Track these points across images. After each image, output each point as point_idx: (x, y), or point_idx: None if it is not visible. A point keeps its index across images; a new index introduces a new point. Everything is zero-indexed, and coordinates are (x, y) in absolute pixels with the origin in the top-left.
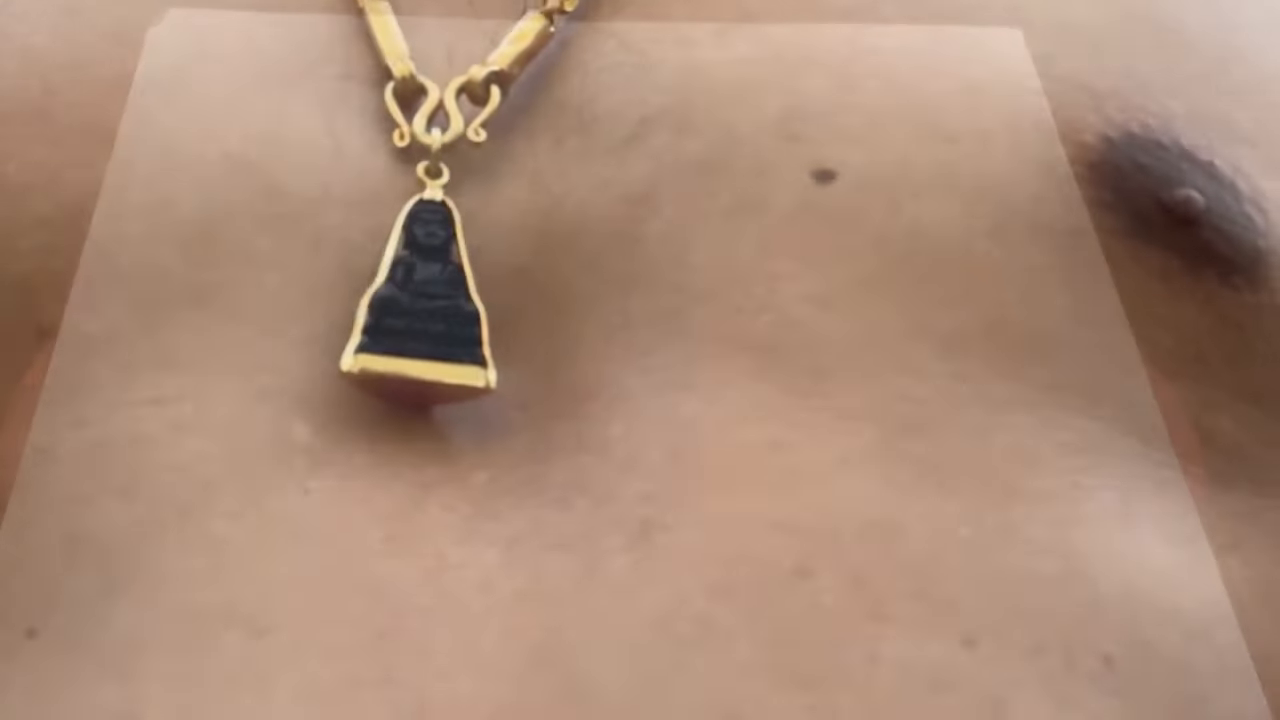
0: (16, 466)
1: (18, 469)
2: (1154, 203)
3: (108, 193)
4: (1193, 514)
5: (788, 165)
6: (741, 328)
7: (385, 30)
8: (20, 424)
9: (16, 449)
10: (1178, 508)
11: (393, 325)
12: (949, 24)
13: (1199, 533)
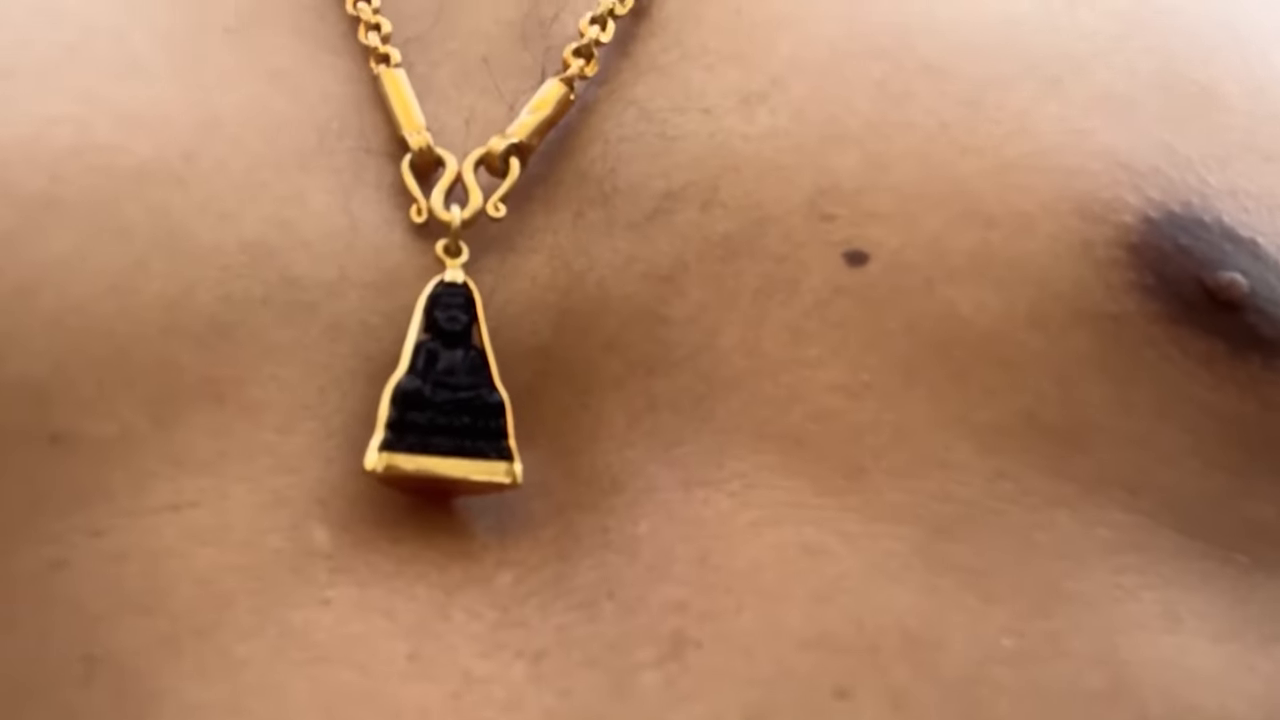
0: (31, 580)
1: (33, 583)
2: (1197, 286)
3: (121, 288)
4: (1238, 607)
5: (818, 246)
6: (772, 419)
7: (401, 97)
8: (34, 535)
9: (31, 561)
10: (1222, 601)
11: (416, 420)
12: (984, 97)
13: (1245, 626)
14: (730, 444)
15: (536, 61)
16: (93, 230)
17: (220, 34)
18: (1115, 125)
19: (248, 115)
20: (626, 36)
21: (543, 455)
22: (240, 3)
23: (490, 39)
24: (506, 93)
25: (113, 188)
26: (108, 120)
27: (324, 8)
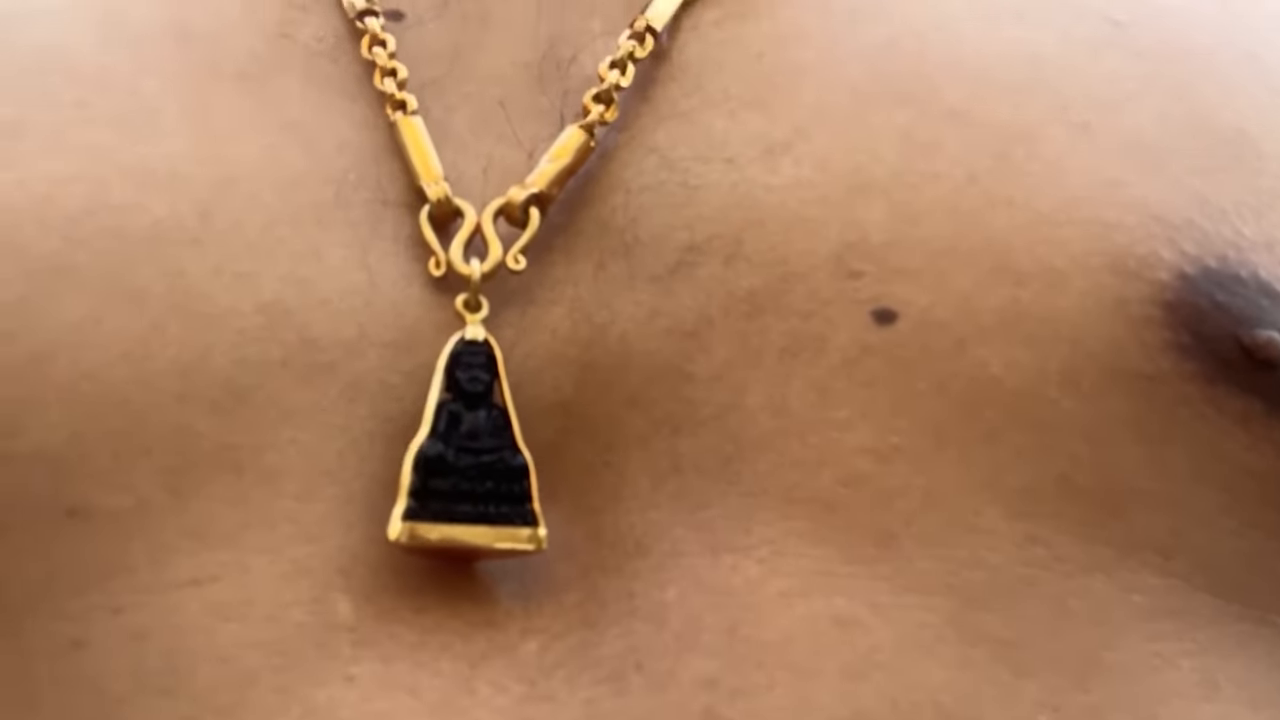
0: (51, 659)
1: (53, 662)
2: (1234, 344)
3: (137, 355)
4: (1275, 671)
5: (846, 304)
6: (800, 482)
7: (418, 146)
8: (53, 612)
9: (50, 640)
10: (1260, 666)
11: (439, 486)
12: (1012, 145)
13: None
14: (758, 508)
15: (554, 105)
16: (107, 295)
17: (233, 81)
18: (1147, 175)
19: (263, 169)
20: (646, 80)
21: (565, 514)
22: (253, 47)
23: (507, 81)
24: (524, 138)
25: (127, 250)
26: (121, 178)
27: (337, 52)
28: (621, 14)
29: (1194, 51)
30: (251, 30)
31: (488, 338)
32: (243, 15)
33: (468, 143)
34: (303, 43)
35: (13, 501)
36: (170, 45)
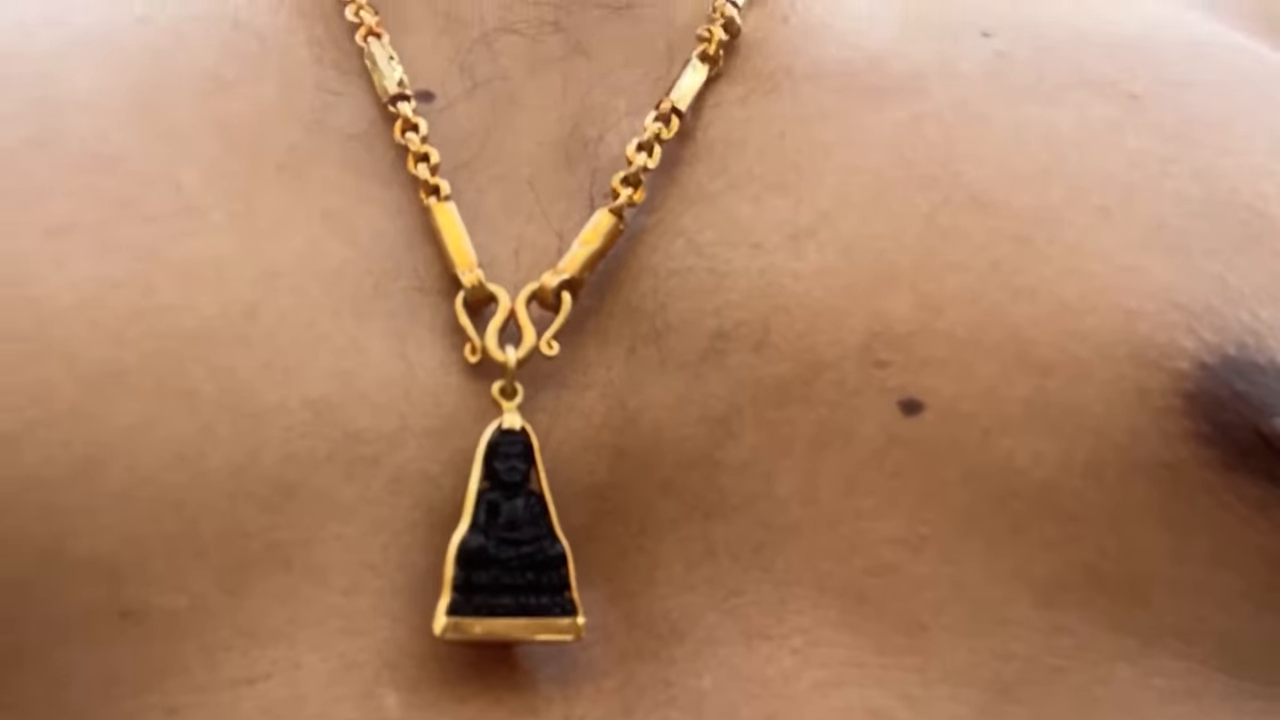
0: None
1: None
2: (1253, 433)
3: (190, 456)
4: None
5: (873, 394)
6: (831, 571)
7: (452, 233)
8: (109, 714)
9: None
10: None
11: (481, 579)
12: (1034, 231)
13: None
14: (791, 596)
15: (582, 184)
16: (159, 398)
17: (274, 173)
18: (1168, 260)
19: (305, 262)
20: (672, 161)
21: (600, 597)
22: (291, 138)
23: (535, 161)
24: (554, 218)
25: (177, 351)
26: (168, 278)
27: (371, 137)
28: (646, 91)
29: (1212, 126)
30: (288, 119)
31: (524, 426)
32: (279, 103)
33: (499, 224)
34: (338, 130)
35: (69, 605)
36: (210, 138)
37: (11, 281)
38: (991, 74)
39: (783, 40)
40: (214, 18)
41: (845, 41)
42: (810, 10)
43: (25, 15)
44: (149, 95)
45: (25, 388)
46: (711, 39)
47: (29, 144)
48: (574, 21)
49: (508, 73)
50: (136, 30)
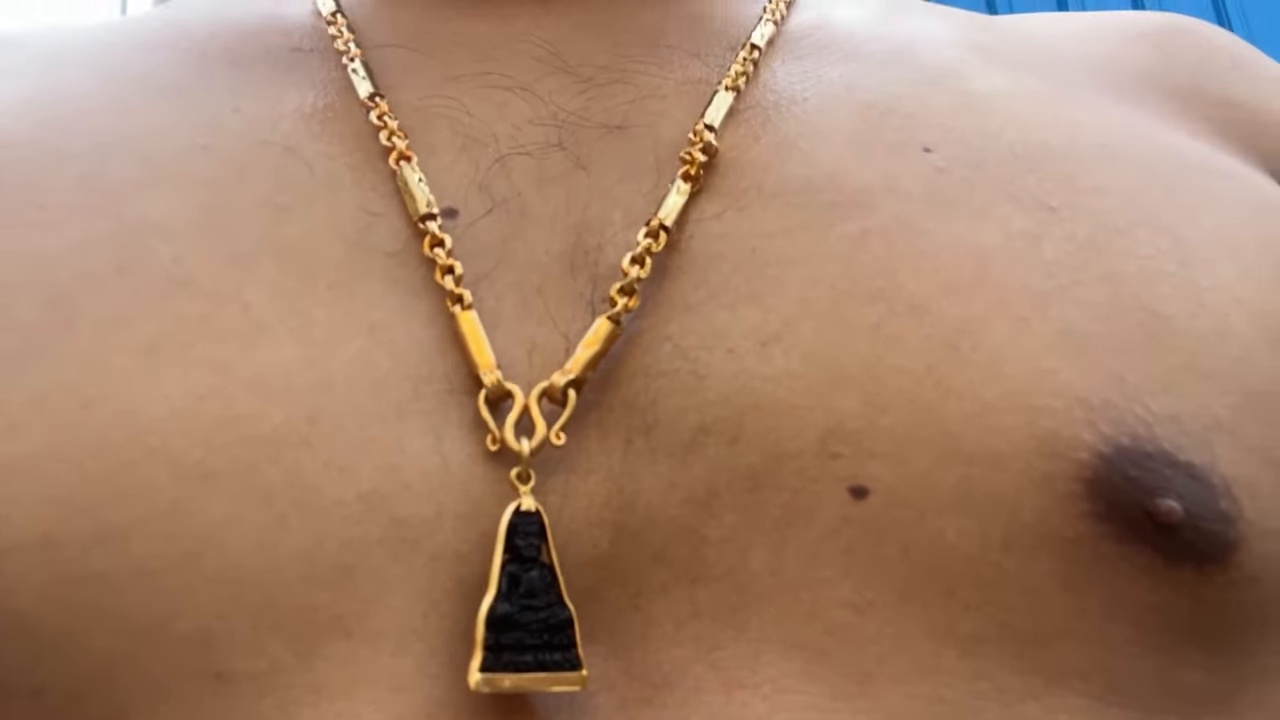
0: None
1: None
2: (1141, 512)
3: (268, 544)
4: None
5: (828, 481)
6: (796, 631)
7: (475, 339)
8: None
9: None
10: None
11: (507, 640)
12: (961, 338)
13: None
14: (763, 651)
15: (583, 291)
16: (242, 495)
17: (325, 289)
18: (1074, 362)
19: (355, 371)
20: (661, 272)
21: (603, 650)
22: (338, 256)
23: (543, 269)
24: (560, 321)
25: (254, 455)
26: (243, 390)
27: (406, 253)
28: (640, 204)
29: (1119, 231)
30: (335, 239)
31: (538, 508)
32: (327, 225)
33: (514, 327)
34: (377, 247)
35: (172, 670)
36: (270, 260)
37: (113, 397)
38: (930, 190)
39: (754, 158)
40: (267, 145)
41: (807, 159)
42: (778, 129)
43: (100, 139)
44: (215, 220)
45: (131, 489)
46: (693, 162)
47: (117, 271)
48: (574, 140)
49: (519, 189)
50: (200, 157)
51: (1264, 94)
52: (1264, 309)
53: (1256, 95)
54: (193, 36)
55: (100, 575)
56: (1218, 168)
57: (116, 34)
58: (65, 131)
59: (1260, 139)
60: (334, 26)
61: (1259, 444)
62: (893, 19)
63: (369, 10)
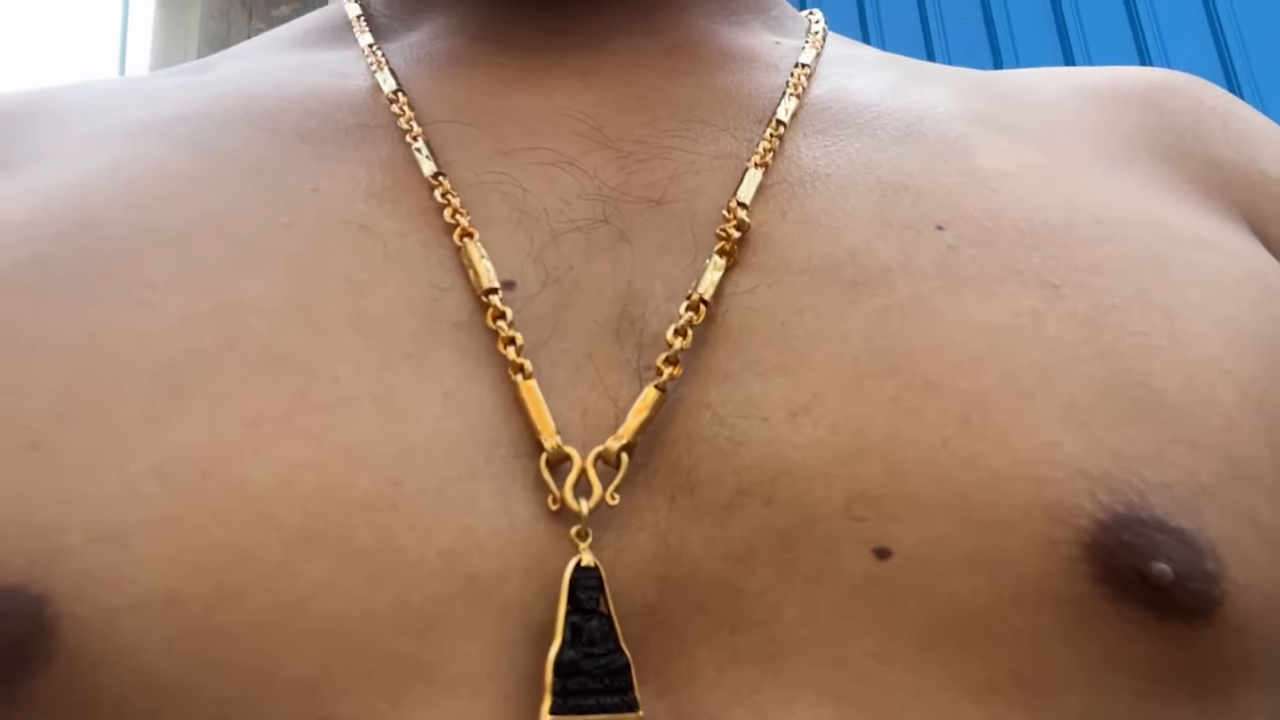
0: None
1: None
2: (1135, 574)
3: (363, 600)
4: None
5: (854, 543)
6: (826, 678)
7: (536, 406)
8: None
9: None
10: None
11: (573, 685)
12: (973, 413)
13: None
14: (797, 697)
15: (629, 358)
16: (340, 556)
17: (402, 360)
18: (1076, 435)
19: (432, 439)
20: (701, 342)
21: (652, 692)
22: (413, 330)
23: (593, 337)
24: (609, 386)
25: (348, 518)
26: (336, 459)
27: (472, 324)
28: (679, 277)
29: (1115, 308)
30: (409, 313)
31: (596, 564)
32: (401, 299)
33: (568, 392)
34: (446, 319)
35: (282, 715)
36: (353, 334)
37: (226, 467)
38: (942, 268)
39: (783, 234)
40: (345, 223)
41: (830, 236)
42: (803, 205)
43: (194, 219)
44: (303, 297)
45: (245, 552)
46: (728, 238)
47: (221, 347)
48: (618, 214)
49: (570, 262)
50: (285, 237)
51: (1248, 153)
52: (1246, 379)
53: (1241, 155)
54: (265, 111)
55: (218, 630)
56: (1204, 239)
57: (188, 103)
58: (162, 211)
59: (1243, 197)
60: (396, 105)
61: (1241, 507)
62: (904, 91)
63: (425, 86)
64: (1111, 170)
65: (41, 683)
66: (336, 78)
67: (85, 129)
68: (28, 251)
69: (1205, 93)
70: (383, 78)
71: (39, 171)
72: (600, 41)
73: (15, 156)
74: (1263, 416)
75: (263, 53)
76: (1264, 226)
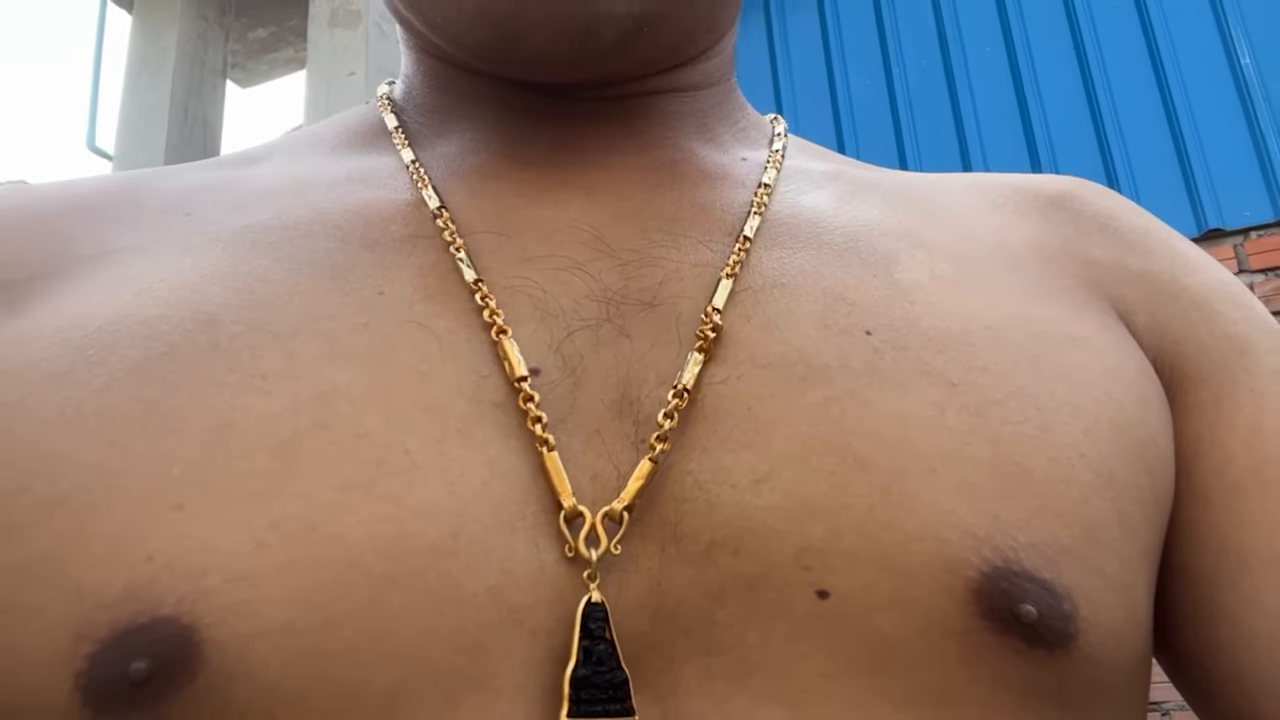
0: None
1: None
2: (1010, 614)
3: (431, 629)
4: None
5: (802, 586)
6: (781, 690)
7: (557, 473)
8: None
9: None
10: None
11: (584, 696)
12: (891, 485)
13: None
14: (759, 705)
15: (629, 432)
16: (413, 593)
17: (455, 435)
18: (966, 505)
19: (481, 499)
20: (684, 421)
21: (646, 700)
22: (463, 409)
23: (599, 416)
24: (612, 456)
25: (419, 564)
26: (410, 515)
27: (507, 405)
28: (667, 368)
29: (998, 402)
30: (460, 395)
31: (603, 600)
32: (454, 385)
33: (581, 461)
34: (488, 400)
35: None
36: (420, 414)
37: (328, 523)
38: (870, 368)
39: (748, 336)
40: (406, 322)
41: (784, 338)
42: (764, 311)
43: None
44: (379, 387)
45: (343, 591)
46: (705, 338)
47: (319, 427)
48: (619, 314)
49: (582, 353)
50: (363, 334)
51: (1118, 252)
52: (1098, 460)
53: (1111, 253)
54: (335, 222)
55: (323, 652)
56: (1074, 337)
57: (265, 211)
58: (267, 312)
59: (1113, 289)
60: (440, 219)
61: (1092, 562)
62: (845, 207)
63: (461, 200)
64: (1007, 274)
65: (189, 693)
66: (388, 191)
67: (185, 229)
68: (161, 346)
69: (1089, 200)
70: (428, 195)
71: (149, 268)
72: (600, 159)
73: (118, 245)
74: (1111, 490)
75: (311, 153)
76: (1128, 314)
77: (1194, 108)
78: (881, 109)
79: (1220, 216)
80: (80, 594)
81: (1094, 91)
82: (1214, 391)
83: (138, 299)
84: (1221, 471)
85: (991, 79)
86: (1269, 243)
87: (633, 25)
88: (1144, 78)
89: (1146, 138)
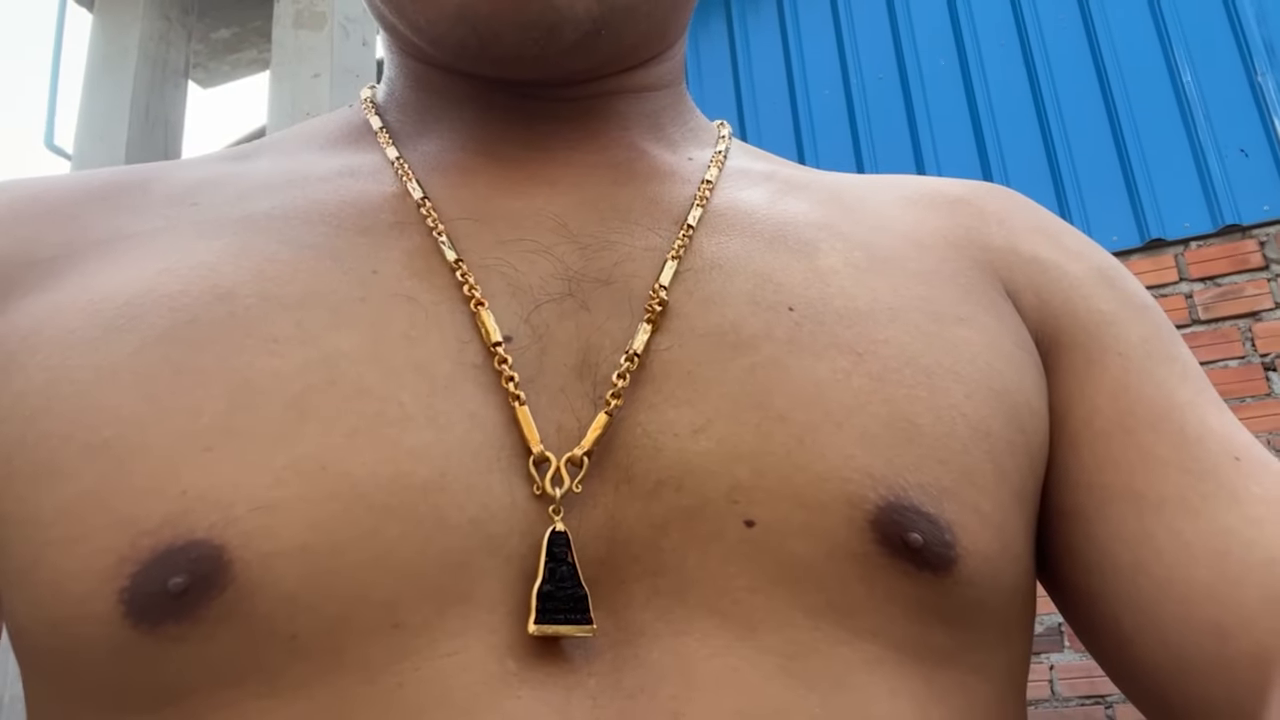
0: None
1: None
2: (900, 540)
3: (424, 549)
4: (925, 688)
5: (732, 517)
6: (714, 603)
7: (527, 424)
8: (387, 673)
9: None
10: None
11: (550, 606)
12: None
13: (930, 702)
14: (696, 615)
15: (588, 391)
16: (408, 523)
17: (442, 391)
18: (865, 452)
19: (464, 445)
20: (635, 383)
21: (602, 614)
22: (448, 368)
23: (563, 376)
24: (574, 410)
25: (413, 498)
26: (405, 457)
27: (485, 366)
28: (620, 337)
29: (894, 370)
30: (445, 358)
31: (565, 530)
32: (439, 348)
33: (548, 414)
34: (469, 362)
35: (372, 622)
36: (410, 371)
37: (337, 463)
38: (791, 338)
39: (690, 310)
40: (399, 296)
41: (720, 312)
42: (704, 289)
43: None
44: (377, 349)
45: (350, 519)
46: (653, 311)
47: (327, 383)
48: (580, 290)
49: (549, 323)
50: (361, 307)
51: (1010, 240)
52: (976, 420)
53: (1004, 241)
54: (331, 211)
55: (332, 570)
56: (962, 317)
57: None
58: (278, 288)
59: (1004, 272)
60: (423, 208)
61: (969, 501)
62: (776, 203)
63: (442, 192)
64: (912, 260)
65: (220, 602)
66: (377, 184)
67: (195, 216)
68: (185, 315)
69: (991, 199)
70: (412, 187)
71: (167, 249)
72: (563, 156)
73: (133, 230)
74: (987, 443)
75: (303, 150)
76: (1016, 293)
77: (1138, 123)
78: (839, 114)
79: (1162, 227)
80: (123, 524)
81: (1043, 106)
82: (1084, 355)
83: (159, 276)
84: (1089, 420)
85: (945, 90)
86: (1208, 253)
87: (592, 26)
88: (1091, 94)
89: (1092, 151)
